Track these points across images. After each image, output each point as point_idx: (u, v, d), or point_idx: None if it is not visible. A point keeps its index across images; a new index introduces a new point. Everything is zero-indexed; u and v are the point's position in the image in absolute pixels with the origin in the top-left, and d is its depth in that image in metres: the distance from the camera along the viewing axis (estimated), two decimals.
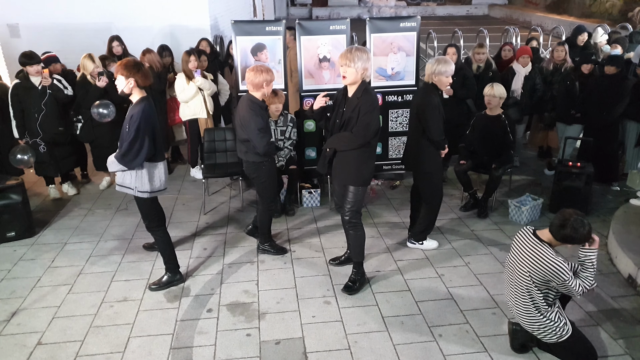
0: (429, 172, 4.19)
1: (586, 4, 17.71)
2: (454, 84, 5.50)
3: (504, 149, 5.12)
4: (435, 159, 4.15)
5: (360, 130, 3.53)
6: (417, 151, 4.16)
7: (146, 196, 3.73)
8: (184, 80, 5.64)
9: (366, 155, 3.67)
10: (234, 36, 5.48)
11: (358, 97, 3.54)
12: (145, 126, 3.54)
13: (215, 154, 5.61)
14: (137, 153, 3.56)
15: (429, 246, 4.49)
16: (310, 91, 5.61)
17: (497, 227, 4.94)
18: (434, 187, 4.26)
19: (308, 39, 5.51)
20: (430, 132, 3.96)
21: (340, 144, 3.65)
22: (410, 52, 5.65)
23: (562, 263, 2.85)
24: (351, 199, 3.76)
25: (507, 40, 8.08)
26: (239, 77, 5.56)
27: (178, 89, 5.68)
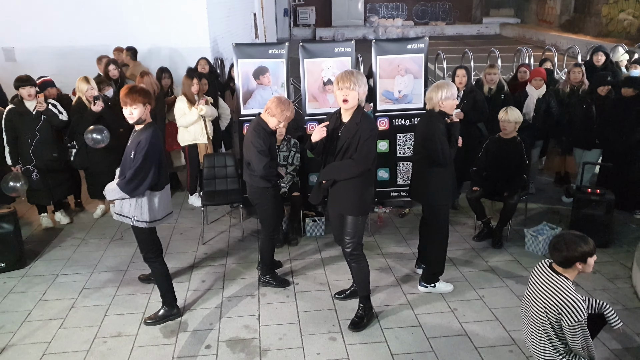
0: (436, 204, 4.18)
1: (602, 22, 17.97)
2: (465, 107, 5.59)
3: (519, 174, 5.15)
4: (443, 189, 4.13)
5: (361, 157, 3.57)
6: (423, 181, 4.18)
7: (145, 226, 3.76)
8: (184, 104, 5.73)
9: (366, 182, 3.71)
10: (235, 59, 5.61)
11: (357, 122, 3.57)
12: (153, 153, 3.62)
13: (215, 181, 5.67)
14: (142, 181, 3.61)
15: (443, 290, 4.38)
16: (314, 115, 5.73)
17: (513, 258, 4.94)
18: (442, 219, 4.25)
19: (312, 61, 5.63)
20: (439, 157, 3.99)
21: (341, 174, 3.67)
22: (418, 74, 5.76)
23: (578, 300, 2.80)
24: (351, 230, 3.77)
25: (519, 61, 8.18)
26: (240, 101, 5.68)
27: (178, 114, 5.77)
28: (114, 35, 7.69)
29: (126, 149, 3.73)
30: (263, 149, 4.03)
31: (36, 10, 7.61)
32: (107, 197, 3.80)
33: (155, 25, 7.77)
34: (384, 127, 5.81)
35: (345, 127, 3.62)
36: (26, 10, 7.62)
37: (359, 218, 3.76)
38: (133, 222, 3.75)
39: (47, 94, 5.62)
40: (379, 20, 24.43)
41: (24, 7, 7.61)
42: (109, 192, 3.74)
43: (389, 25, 23.81)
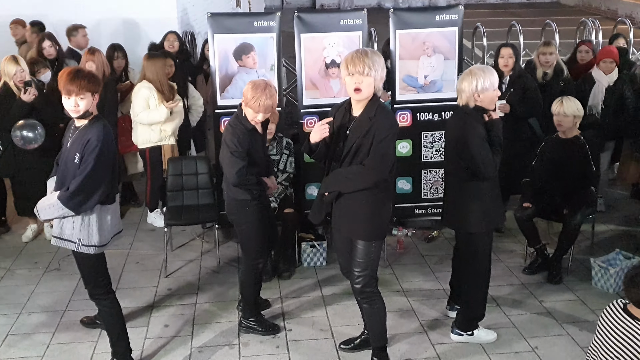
0: (475, 231, 4.14)
1: None
2: (512, 98, 5.61)
3: (582, 186, 5.15)
4: (484, 212, 4.09)
5: (375, 162, 3.56)
6: (457, 200, 4.16)
7: (93, 251, 3.73)
8: (152, 94, 5.70)
9: (382, 196, 3.70)
10: (210, 34, 5.63)
11: (370, 116, 3.57)
12: (107, 156, 3.63)
13: (183, 193, 5.66)
14: (91, 193, 3.60)
15: (484, 339, 4.36)
16: (313, 107, 5.74)
17: (576, 297, 4.92)
18: (483, 249, 4.24)
19: (311, 37, 5.65)
20: (479, 169, 3.96)
21: (348, 184, 3.66)
22: (450, 54, 5.76)
23: None
24: (362, 259, 3.75)
25: (583, 38, 8.15)
26: (217, 89, 5.69)
27: (140, 106, 5.72)
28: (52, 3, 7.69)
29: (64, 152, 3.72)
30: (237, 150, 4.04)
31: None
32: (42, 217, 3.76)
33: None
34: (406, 123, 5.83)
35: (356, 123, 3.62)
36: None
37: (372, 244, 3.74)
38: (78, 248, 3.70)
39: None
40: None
41: None
42: (45, 210, 3.69)
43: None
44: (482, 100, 3.97)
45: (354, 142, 3.59)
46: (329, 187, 3.74)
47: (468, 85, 3.96)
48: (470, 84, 3.94)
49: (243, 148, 4.05)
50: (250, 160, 4.10)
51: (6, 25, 7.63)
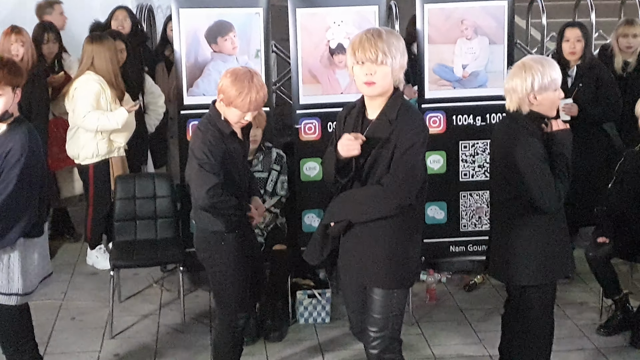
0: (533, 283, 4.08)
1: None
2: (581, 96, 5.60)
3: None
4: (546, 257, 4.03)
5: (398, 181, 3.44)
6: (506, 242, 4.10)
7: (14, 302, 3.77)
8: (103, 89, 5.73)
9: (407, 227, 3.62)
10: (175, 9, 5.61)
11: (391, 119, 3.48)
12: (34, 171, 3.71)
13: (136, 224, 5.65)
14: (13, 221, 3.65)
15: None
16: (312, 107, 5.77)
17: None
18: (544, 305, 4.18)
19: (311, 13, 5.66)
20: (537, 201, 3.89)
21: (360, 210, 3.56)
22: (497, 37, 5.77)
23: None
24: (381, 315, 3.68)
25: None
26: (183, 82, 5.67)
27: (88, 105, 5.68)
28: None
29: None
30: (208, 162, 3.96)
31: None
32: None
33: None
34: (438, 128, 5.82)
35: (372, 128, 3.54)
36: None
37: (393, 293, 3.66)
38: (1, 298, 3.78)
39: None
40: None
41: None
42: None
43: None
44: (539, 103, 3.91)
45: (368, 154, 3.51)
46: (336, 215, 3.65)
47: (521, 84, 3.89)
48: (524, 81, 3.88)
49: (216, 160, 3.98)
50: (227, 177, 4.04)
51: None
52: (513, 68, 4.04)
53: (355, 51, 3.41)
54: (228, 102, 3.94)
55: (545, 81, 3.84)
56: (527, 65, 3.91)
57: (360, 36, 3.44)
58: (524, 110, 3.93)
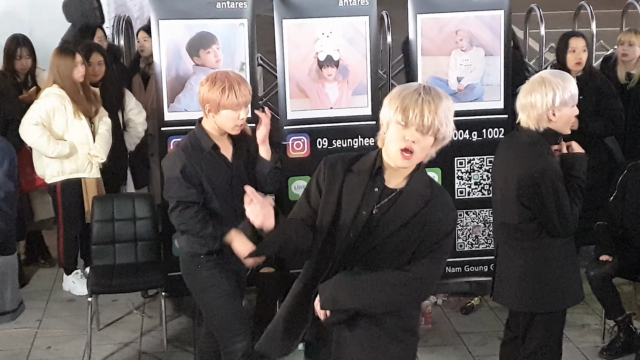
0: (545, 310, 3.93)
1: None
2: (583, 108, 5.36)
3: None
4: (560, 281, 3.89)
5: (431, 272, 2.97)
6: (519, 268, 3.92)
7: None
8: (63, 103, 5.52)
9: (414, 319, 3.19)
10: (154, 19, 5.46)
11: (424, 194, 2.94)
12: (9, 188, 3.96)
13: (115, 247, 5.46)
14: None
15: None
16: (300, 122, 5.61)
17: None
18: (552, 333, 4.04)
19: (298, 24, 5.50)
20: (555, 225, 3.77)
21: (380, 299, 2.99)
22: (493, 48, 5.63)
23: None
24: None
25: None
26: (164, 97, 5.48)
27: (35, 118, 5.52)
28: None
29: None
30: (174, 176, 3.85)
31: None
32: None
33: None
34: None
35: (396, 200, 2.97)
36: None
37: None
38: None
39: None
40: None
41: None
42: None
43: None
44: (556, 120, 3.76)
45: (390, 231, 2.93)
46: (341, 301, 3.01)
47: (541, 99, 3.73)
48: (545, 96, 3.72)
49: (188, 180, 3.85)
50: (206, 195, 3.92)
51: None
52: (530, 83, 3.88)
53: (406, 109, 2.76)
54: (216, 107, 3.77)
55: (566, 96, 3.73)
56: (546, 79, 3.78)
57: (417, 96, 2.77)
58: (541, 127, 3.79)
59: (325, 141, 5.67)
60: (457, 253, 5.72)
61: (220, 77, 3.77)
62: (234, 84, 3.71)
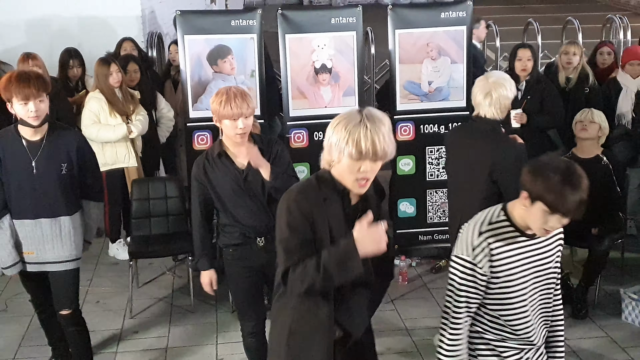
0: None
1: None
2: (530, 107, 5.70)
3: (608, 210, 5.20)
4: None
5: None
6: None
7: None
8: (101, 105, 5.74)
9: None
10: (180, 35, 5.70)
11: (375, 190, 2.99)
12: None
13: (150, 221, 5.70)
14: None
15: None
16: (301, 119, 5.87)
17: (604, 334, 4.96)
18: None
19: (298, 38, 5.77)
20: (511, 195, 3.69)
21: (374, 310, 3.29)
22: (457, 57, 5.88)
23: None
24: None
25: (610, 37, 8.24)
26: (189, 99, 5.77)
27: (88, 120, 5.74)
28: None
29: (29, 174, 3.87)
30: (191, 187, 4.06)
31: None
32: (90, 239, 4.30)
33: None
34: (408, 136, 5.97)
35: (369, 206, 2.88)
36: None
37: None
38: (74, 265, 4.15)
39: None
40: None
41: None
42: (96, 226, 4.37)
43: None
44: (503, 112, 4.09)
45: None
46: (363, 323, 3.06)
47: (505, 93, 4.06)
48: (497, 90, 4.03)
49: (199, 184, 3.90)
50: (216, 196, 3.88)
51: None
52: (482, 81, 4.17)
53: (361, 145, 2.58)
54: (218, 117, 3.73)
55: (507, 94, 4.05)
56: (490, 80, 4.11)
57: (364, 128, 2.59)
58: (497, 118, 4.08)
59: (321, 134, 5.56)
60: (427, 224, 6.01)
61: (221, 92, 3.73)
62: (232, 97, 3.62)
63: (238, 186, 3.82)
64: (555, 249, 2.90)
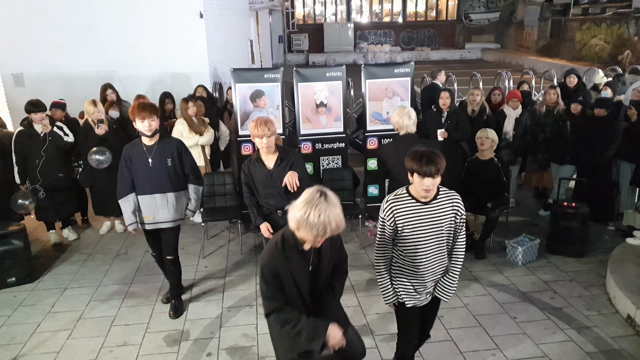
0: None
1: (576, 48, 18.39)
2: (449, 127, 5.70)
3: (498, 191, 5.21)
4: None
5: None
6: None
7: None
8: (183, 127, 5.74)
9: None
10: (233, 83, 5.74)
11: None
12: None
13: (215, 198, 5.70)
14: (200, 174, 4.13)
15: None
16: (307, 135, 5.85)
17: (495, 268, 4.99)
18: None
19: (305, 85, 5.79)
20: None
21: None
22: (404, 96, 5.91)
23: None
24: None
25: (500, 85, 8.29)
26: (238, 123, 5.78)
27: (176, 135, 5.69)
28: (117, 62, 7.76)
29: (146, 167, 3.86)
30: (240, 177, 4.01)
31: (44, 36, 7.64)
32: (195, 210, 4.13)
33: (157, 52, 7.84)
34: (374, 146, 5.92)
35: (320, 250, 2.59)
36: (34, 37, 7.65)
37: None
38: (193, 216, 4.17)
39: (52, 114, 5.63)
40: (368, 46, 24.79)
41: (32, 34, 7.65)
42: (194, 210, 4.13)
43: (378, 50, 24.15)
44: None
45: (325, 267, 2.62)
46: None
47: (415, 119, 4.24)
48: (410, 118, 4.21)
49: (245, 175, 3.85)
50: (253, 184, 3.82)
51: (87, 78, 7.67)
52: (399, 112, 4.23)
53: (318, 238, 2.34)
54: (253, 136, 3.65)
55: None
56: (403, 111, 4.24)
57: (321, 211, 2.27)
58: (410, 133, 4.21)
59: (319, 145, 5.86)
60: None
61: (253, 121, 3.62)
62: (258, 124, 3.56)
63: (266, 179, 3.79)
64: (450, 214, 2.84)
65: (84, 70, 7.79)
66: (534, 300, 4.37)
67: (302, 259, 2.49)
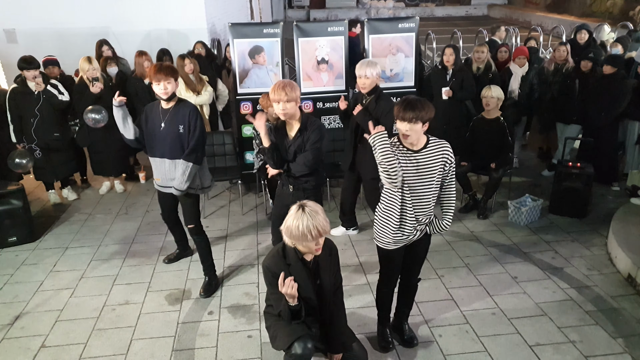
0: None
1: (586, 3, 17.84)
2: (454, 85, 5.57)
3: (502, 152, 5.16)
4: None
5: None
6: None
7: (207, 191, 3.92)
8: (180, 85, 5.58)
9: None
10: (231, 39, 5.56)
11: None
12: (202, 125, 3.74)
13: (214, 158, 5.63)
14: (202, 148, 3.77)
15: None
16: (308, 93, 5.72)
17: (497, 228, 4.99)
18: None
19: (306, 41, 5.61)
20: None
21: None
22: (409, 53, 5.75)
23: None
24: None
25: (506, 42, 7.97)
26: (237, 81, 5.64)
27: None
28: (112, 18, 7.55)
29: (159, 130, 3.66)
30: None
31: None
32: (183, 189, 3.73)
33: (153, 7, 7.61)
34: None
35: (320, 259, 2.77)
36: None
37: None
38: (198, 190, 3.84)
39: (48, 72, 5.49)
40: (371, 2, 24.09)
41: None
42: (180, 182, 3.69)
43: (381, 6, 23.49)
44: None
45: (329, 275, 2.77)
46: None
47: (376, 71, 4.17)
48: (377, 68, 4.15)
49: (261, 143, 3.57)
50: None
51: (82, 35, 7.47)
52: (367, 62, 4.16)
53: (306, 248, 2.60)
54: (272, 101, 3.39)
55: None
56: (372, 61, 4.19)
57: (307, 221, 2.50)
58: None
59: (321, 103, 5.72)
60: None
61: (273, 85, 3.35)
62: (276, 87, 3.30)
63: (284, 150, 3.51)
64: (440, 161, 2.88)
65: (78, 26, 7.58)
66: (535, 260, 4.37)
67: (305, 269, 2.66)
